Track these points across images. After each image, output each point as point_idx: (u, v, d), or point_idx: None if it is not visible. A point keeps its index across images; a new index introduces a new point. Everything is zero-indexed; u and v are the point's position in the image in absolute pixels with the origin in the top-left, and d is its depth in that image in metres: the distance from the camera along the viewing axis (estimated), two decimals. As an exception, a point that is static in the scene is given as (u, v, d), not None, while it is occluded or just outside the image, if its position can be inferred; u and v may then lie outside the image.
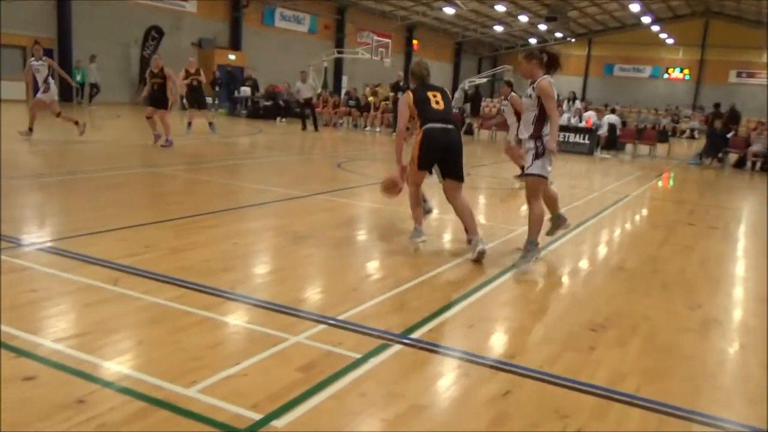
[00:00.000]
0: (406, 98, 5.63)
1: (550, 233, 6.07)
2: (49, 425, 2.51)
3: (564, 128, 18.57)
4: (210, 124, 15.49)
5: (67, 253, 4.77)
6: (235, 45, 31.70)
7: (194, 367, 3.09)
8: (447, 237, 6.65)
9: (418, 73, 5.86)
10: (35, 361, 3.04)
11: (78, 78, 23.28)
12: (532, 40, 50.11)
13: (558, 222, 6.12)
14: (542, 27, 44.42)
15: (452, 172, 5.65)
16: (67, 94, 24.30)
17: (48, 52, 23.95)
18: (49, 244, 5.00)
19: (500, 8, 38.62)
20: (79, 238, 5.26)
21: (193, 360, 3.18)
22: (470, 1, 36.74)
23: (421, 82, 5.84)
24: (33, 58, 12.23)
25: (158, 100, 12.71)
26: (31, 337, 3.28)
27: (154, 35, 26.93)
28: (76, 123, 12.34)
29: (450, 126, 5.58)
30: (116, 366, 3.03)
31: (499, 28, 45.19)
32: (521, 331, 4.00)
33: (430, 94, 5.65)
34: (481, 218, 7.90)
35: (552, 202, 5.92)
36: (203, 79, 15.45)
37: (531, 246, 5.38)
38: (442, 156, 5.63)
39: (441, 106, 5.62)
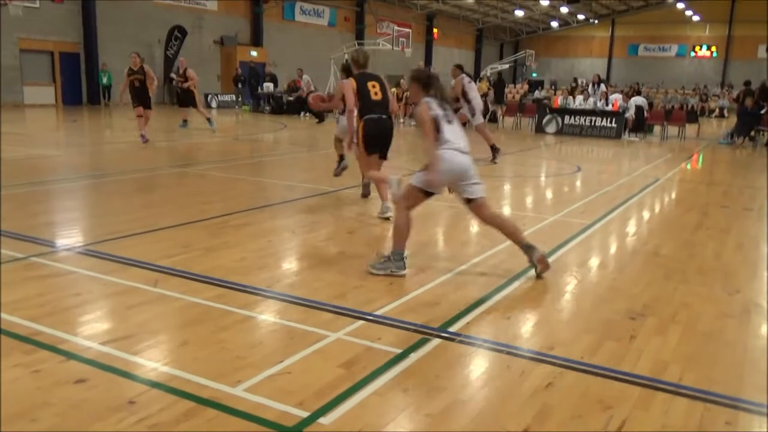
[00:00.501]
0: (350, 84, 6.50)
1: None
2: (103, 427, 2.58)
3: (590, 112, 18.39)
4: (184, 121, 16.00)
5: (107, 256, 4.86)
6: (256, 41, 31.87)
7: (238, 366, 3.15)
8: (475, 229, 6.64)
9: (361, 61, 6.71)
10: (84, 363, 3.11)
11: (104, 81, 23.62)
12: (554, 24, 49.56)
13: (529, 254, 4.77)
14: (564, 10, 43.83)
15: (383, 154, 6.85)
16: (94, 97, 24.71)
17: (74, 57, 24.39)
18: (88, 248, 5.11)
19: (521, -8, 38.25)
20: (117, 240, 5.37)
21: (236, 359, 3.24)
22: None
23: (362, 70, 6.68)
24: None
25: (140, 96, 12.71)
26: (79, 341, 3.36)
27: (177, 35, 27.18)
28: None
29: (384, 115, 6.58)
30: (163, 367, 3.10)
31: (519, 13, 44.69)
32: (559, 322, 3.99)
33: (369, 84, 6.52)
34: (511, 209, 7.88)
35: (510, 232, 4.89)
36: (191, 80, 15.65)
37: (394, 256, 4.68)
38: (382, 141, 6.67)
39: (379, 96, 6.52)
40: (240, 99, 27.36)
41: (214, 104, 26.70)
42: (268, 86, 25.21)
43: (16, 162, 10.28)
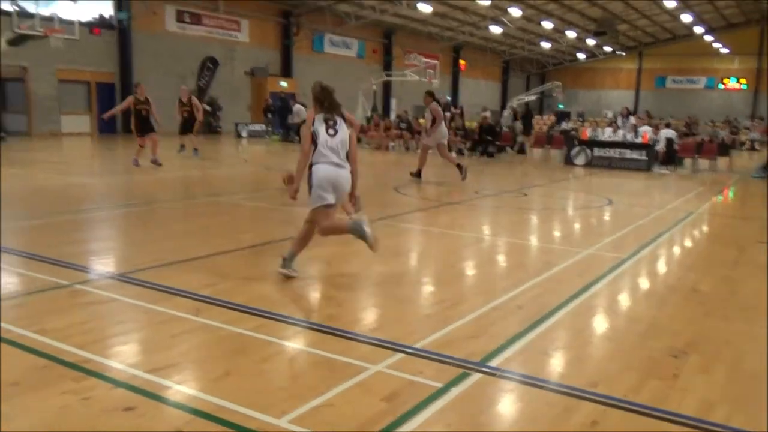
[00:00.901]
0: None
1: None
2: (153, 456, 2.61)
3: (620, 144, 18.32)
4: (195, 149, 15.90)
5: (148, 284, 4.95)
6: (286, 72, 32.43)
7: (282, 397, 3.17)
8: (509, 262, 6.64)
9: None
10: (132, 391, 3.17)
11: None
12: (581, 55, 49.70)
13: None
14: (591, 42, 44.00)
15: None
16: (128, 126, 25.25)
17: (110, 87, 25.03)
18: (129, 275, 5.20)
19: (547, 25, 38.50)
20: (157, 268, 5.46)
21: (279, 390, 3.27)
22: (517, 20, 36.76)
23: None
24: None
25: (147, 125, 13.46)
26: (125, 368, 3.42)
27: (209, 66, 27.78)
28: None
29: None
30: (208, 396, 3.14)
31: (546, 45, 44.99)
32: (601, 358, 3.96)
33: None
34: (540, 241, 7.86)
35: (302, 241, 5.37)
36: (197, 109, 15.83)
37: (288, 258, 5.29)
38: None
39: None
40: (270, 129, 27.78)
41: (244, 134, 27.13)
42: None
43: (55, 190, 10.54)
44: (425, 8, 32.56)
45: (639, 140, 18.24)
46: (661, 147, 18.13)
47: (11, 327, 3.91)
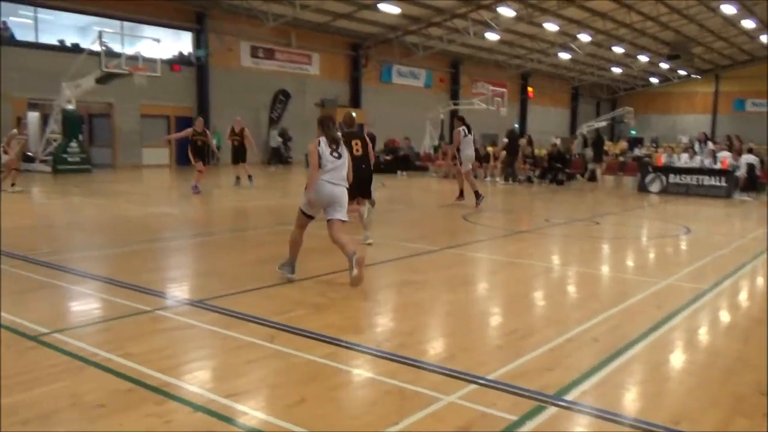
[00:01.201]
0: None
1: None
2: (232, 480, 2.67)
3: (697, 171, 17.71)
4: (249, 177, 16.40)
5: (225, 311, 5.10)
6: (355, 103, 33.03)
7: (354, 426, 3.20)
8: (582, 293, 6.49)
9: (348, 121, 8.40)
10: (210, 416, 3.26)
11: (215, 141, 25.01)
12: (654, 80, 48.52)
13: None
14: (664, 66, 42.94)
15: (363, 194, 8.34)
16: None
17: (188, 120, 26.14)
18: (207, 302, 5.37)
19: (618, 50, 37.84)
20: (233, 296, 5.62)
21: (351, 419, 3.29)
22: (587, 45, 36.31)
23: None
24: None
25: (202, 154, 15.04)
26: (205, 393, 3.53)
27: (281, 98, 28.62)
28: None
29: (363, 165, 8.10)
30: (285, 423, 3.18)
31: (617, 70, 44.17)
32: (683, 393, 3.80)
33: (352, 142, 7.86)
34: (614, 271, 7.66)
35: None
36: (247, 138, 16.74)
37: (287, 264, 6.33)
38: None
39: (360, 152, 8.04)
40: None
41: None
42: (365, 146, 25.89)
43: (136, 219, 11.03)
44: (492, 37, 32.63)
45: (718, 166, 17.57)
46: (742, 173, 17.40)
47: (98, 350, 4.11)
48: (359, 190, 8.07)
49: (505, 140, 21.45)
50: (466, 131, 13.35)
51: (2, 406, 3.28)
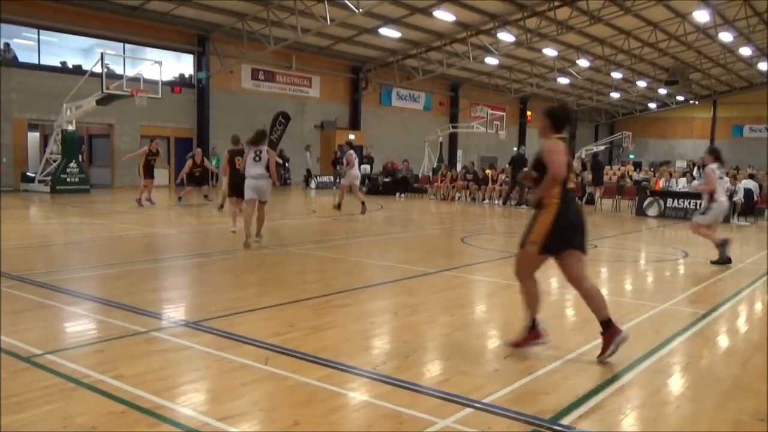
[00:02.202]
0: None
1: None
2: (223, 504, 2.63)
3: (696, 195, 17.72)
4: (205, 196, 18.19)
5: (220, 332, 5.07)
6: (354, 125, 33.19)
7: (349, 449, 3.16)
8: (580, 315, 6.46)
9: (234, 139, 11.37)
10: (203, 439, 3.22)
11: (213, 162, 25.08)
12: (652, 105, 48.85)
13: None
14: (662, 91, 43.25)
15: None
16: (202, 179, 26.29)
17: (187, 141, 26.24)
18: (202, 323, 5.34)
19: (617, 75, 38.15)
20: (229, 317, 5.59)
21: (347, 442, 3.26)
22: (585, 71, 36.60)
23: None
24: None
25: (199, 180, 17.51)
26: (198, 416, 3.49)
27: (281, 120, 28.70)
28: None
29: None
30: (277, 446, 3.16)
31: (615, 95, 44.48)
32: (681, 418, 3.76)
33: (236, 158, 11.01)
34: (612, 294, 7.64)
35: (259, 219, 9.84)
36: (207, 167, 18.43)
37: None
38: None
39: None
40: (338, 180, 28.29)
41: (313, 185, 27.76)
42: (365, 168, 25.99)
43: (133, 240, 11.02)
44: (492, 61, 32.90)
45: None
46: (739, 198, 17.43)
47: (91, 372, 4.07)
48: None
49: (509, 166, 21.47)
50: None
51: (-7, 428, 3.25)
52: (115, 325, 5.22)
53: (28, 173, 21.85)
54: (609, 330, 4.65)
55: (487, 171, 23.47)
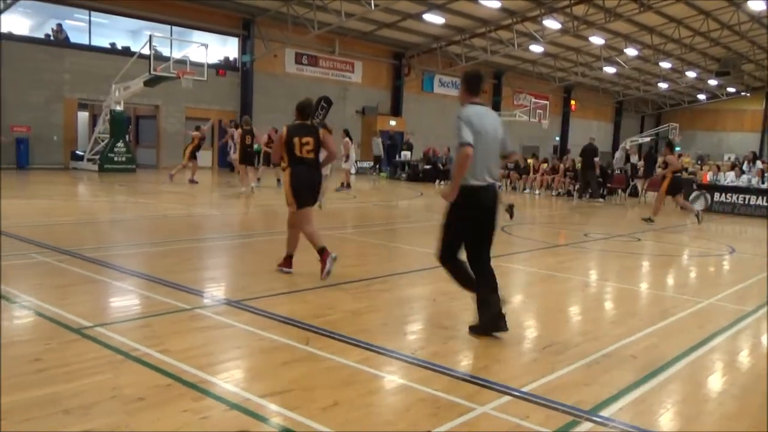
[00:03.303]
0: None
1: None
2: (264, 478, 2.70)
3: (744, 190, 17.27)
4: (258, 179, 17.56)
5: (261, 312, 5.16)
6: (395, 111, 33.12)
7: (389, 431, 3.20)
8: (621, 309, 6.38)
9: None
10: (246, 414, 3.30)
11: (255, 146, 25.35)
12: (701, 96, 47.52)
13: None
14: (713, 82, 42.03)
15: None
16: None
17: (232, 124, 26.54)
18: (244, 303, 5.45)
19: (665, 65, 37.19)
20: (270, 297, 5.69)
21: (386, 423, 3.30)
22: (633, 60, 35.78)
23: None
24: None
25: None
26: (240, 392, 3.58)
27: (323, 105, 28.83)
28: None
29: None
30: (318, 425, 3.21)
31: (663, 86, 43.38)
32: (723, 416, 3.70)
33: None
34: (655, 288, 7.52)
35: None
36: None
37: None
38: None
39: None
40: (378, 166, 28.35)
41: (353, 170, 27.80)
42: (406, 154, 25.98)
43: (177, 219, 11.25)
44: (537, 49, 32.40)
45: (766, 186, 17.10)
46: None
47: (138, 345, 4.20)
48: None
49: (580, 157, 20.79)
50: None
51: (44, 396, 3.38)
52: (161, 302, 5.36)
53: (77, 152, 22.44)
54: (323, 255, 6.43)
55: (529, 160, 23.20)
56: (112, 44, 23.74)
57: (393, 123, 31.96)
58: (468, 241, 4.94)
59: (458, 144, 4.64)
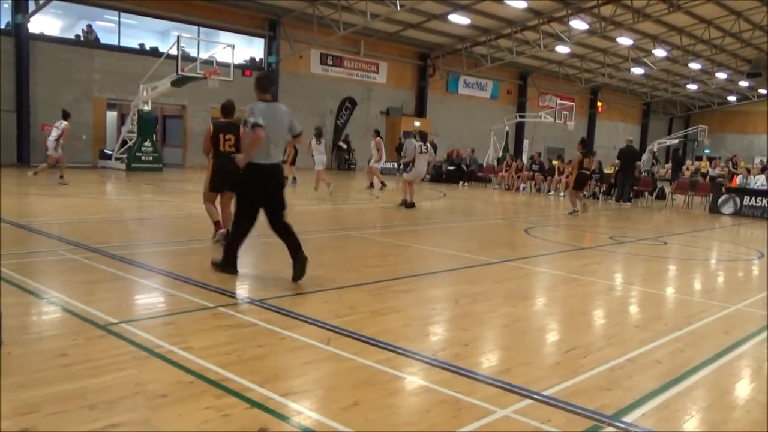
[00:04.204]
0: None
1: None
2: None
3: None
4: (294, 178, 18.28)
5: (283, 311, 5.20)
6: (420, 112, 33.11)
7: (408, 432, 3.20)
8: (646, 313, 6.30)
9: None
10: (267, 413, 3.32)
11: (280, 146, 25.50)
12: (731, 98, 46.75)
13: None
14: (743, 83, 41.31)
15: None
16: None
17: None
18: (267, 302, 5.49)
19: (695, 66, 36.65)
20: (292, 297, 5.73)
21: (405, 425, 3.30)
22: (661, 61, 35.33)
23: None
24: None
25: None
26: (262, 390, 3.60)
27: (348, 105, 28.99)
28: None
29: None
30: (337, 424, 3.22)
31: (693, 87, 42.76)
32: (750, 424, 3.63)
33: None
34: (681, 293, 7.41)
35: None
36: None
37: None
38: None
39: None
40: (401, 167, 28.33)
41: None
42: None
43: (202, 218, 11.33)
44: (563, 50, 32.13)
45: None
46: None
47: (162, 342, 4.25)
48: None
49: (617, 159, 20.49)
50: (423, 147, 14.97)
51: (70, 391, 3.44)
52: (185, 299, 5.42)
53: (105, 150, 22.80)
54: (217, 227, 8.09)
55: (554, 162, 23.03)
56: (141, 45, 24.08)
57: (417, 124, 31.91)
58: (252, 208, 6.28)
59: (251, 126, 5.89)
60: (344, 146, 29.37)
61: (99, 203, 13.29)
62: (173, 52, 20.16)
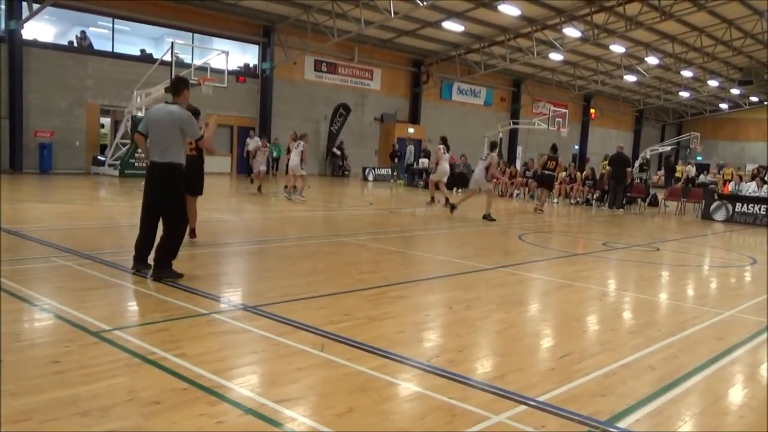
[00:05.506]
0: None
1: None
2: (278, 483, 2.71)
3: (766, 201, 17.04)
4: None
5: (277, 317, 5.19)
6: (414, 119, 33.18)
7: (402, 438, 3.20)
8: (640, 319, 6.32)
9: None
10: (260, 419, 3.32)
11: (274, 153, 25.51)
12: (723, 105, 47.05)
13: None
14: (735, 91, 41.59)
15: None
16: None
17: (250, 130, 26.78)
18: (261, 308, 5.47)
19: (687, 74, 36.89)
20: (286, 303, 5.72)
21: (401, 431, 3.29)
22: (654, 69, 35.52)
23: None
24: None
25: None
26: (255, 397, 3.59)
27: (341, 112, 29.03)
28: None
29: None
30: (330, 431, 3.21)
31: (685, 95, 43.02)
32: (743, 429, 3.65)
33: None
34: (673, 299, 7.44)
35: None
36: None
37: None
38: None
39: None
40: (396, 173, 28.39)
41: (371, 177, 27.91)
42: (423, 162, 25.98)
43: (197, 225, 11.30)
44: (556, 57, 32.29)
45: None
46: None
47: (156, 349, 4.24)
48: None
49: (572, 164, 20.86)
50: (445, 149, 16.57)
51: (63, 398, 3.42)
52: (179, 306, 5.40)
53: (99, 157, 22.73)
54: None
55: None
56: (142, 50, 24.07)
57: (411, 130, 31.99)
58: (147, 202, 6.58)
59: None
60: (338, 153, 29.38)
61: (92, 209, 13.23)
62: (167, 58, 20.14)
